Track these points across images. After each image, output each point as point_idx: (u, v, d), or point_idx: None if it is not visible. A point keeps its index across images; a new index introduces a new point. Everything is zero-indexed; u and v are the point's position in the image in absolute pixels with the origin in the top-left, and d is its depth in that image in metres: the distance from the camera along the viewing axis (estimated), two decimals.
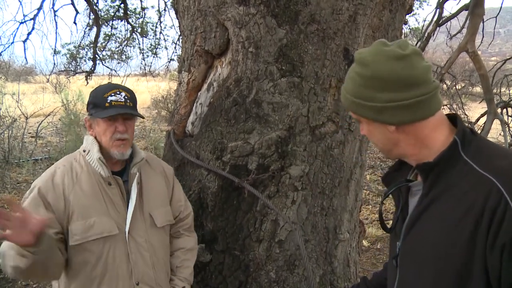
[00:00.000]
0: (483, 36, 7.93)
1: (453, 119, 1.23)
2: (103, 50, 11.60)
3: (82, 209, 1.79)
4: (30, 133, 11.26)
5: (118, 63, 12.34)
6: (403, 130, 1.18)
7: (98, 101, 1.83)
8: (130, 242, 1.86)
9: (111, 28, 11.18)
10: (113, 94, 1.82)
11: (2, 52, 9.60)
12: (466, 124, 1.22)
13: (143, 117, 1.98)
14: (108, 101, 1.80)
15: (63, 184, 1.80)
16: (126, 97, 1.85)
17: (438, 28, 6.59)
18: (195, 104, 2.78)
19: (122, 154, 1.87)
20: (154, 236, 1.97)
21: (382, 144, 1.27)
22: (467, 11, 5.91)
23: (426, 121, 1.16)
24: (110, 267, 1.82)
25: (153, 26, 11.67)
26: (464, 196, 1.07)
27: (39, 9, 9.27)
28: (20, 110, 9.74)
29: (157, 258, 1.97)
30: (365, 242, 5.37)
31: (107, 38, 11.36)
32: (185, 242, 2.18)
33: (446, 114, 1.24)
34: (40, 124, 10.78)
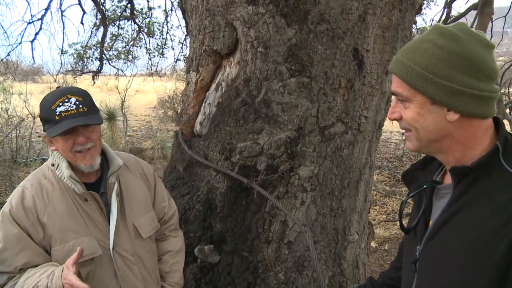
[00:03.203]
0: (491, 36, 7.87)
1: (495, 123, 1.15)
2: (110, 50, 11.64)
3: (59, 232, 1.63)
4: (37, 132, 11.30)
5: (125, 63, 12.37)
6: (462, 122, 1.08)
7: (47, 115, 1.61)
8: (116, 259, 1.74)
9: (118, 28, 11.22)
10: (61, 104, 1.58)
11: (10, 52, 9.68)
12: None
13: (100, 123, 1.71)
14: (57, 113, 1.57)
15: (35, 207, 1.62)
16: (77, 103, 1.61)
17: None
18: (203, 104, 2.77)
19: (90, 166, 1.69)
20: (140, 247, 1.84)
21: (428, 132, 1.12)
22: (475, 11, 5.87)
23: (484, 120, 1.09)
24: (98, 287, 1.70)
25: (159, 26, 11.70)
26: (502, 207, 1.00)
27: (47, 9, 9.33)
28: (28, 109, 9.78)
29: (146, 269, 1.86)
30: (373, 243, 5.34)
31: (114, 38, 11.40)
32: (172, 244, 2.06)
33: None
34: None
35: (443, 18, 7.93)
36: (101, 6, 9.36)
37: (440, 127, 1.10)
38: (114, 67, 11.90)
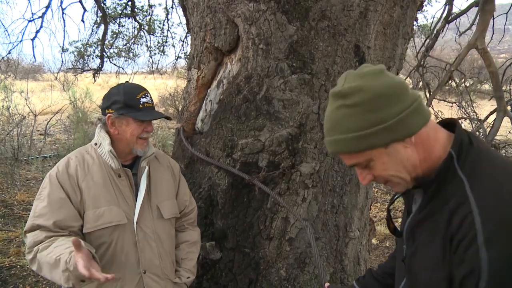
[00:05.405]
0: (493, 33, 7.84)
1: (448, 125, 1.21)
2: (111, 48, 11.62)
3: (93, 198, 1.87)
4: (38, 130, 11.32)
5: (126, 60, 12.36)
6: (416, 143, 1.12)
7: (131, 102, 1.90)
8: (138, 232, 1.94)
9: (119, 26, 11.20)
10: (143, 96, 1.93)
11: (11, 50, 9.66)
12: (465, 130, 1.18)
13: (170, 118, 2.11)
14: (141, 102, 1.91)
15: (76, 174, 1.89)
16: (151, 99, 1.97)
17: (447, 25, 6.50)
18: (204, 101, 2.78)
19: (144, 151, 1.98)
20: (160, 227, 2.04)
21: (403, 170, 1.15)
22: (477, 8, 5.86)
23: (427, 126, 1.12)
24: (118, 255, 1.89)
25: (160, 23, 11.67)
26: (451, 215, 1.06)
27: (47, 7, 9.30)
28: (29, 107, 9.80)
29: (163, 249, 2.04)
30: (374, 240, 5.35)
31: (115, 35, 11.38)
32: (190, 235, 2.25)
33: (442, 120, 1.24)
34: (48, 121, 10.84)
35: (444, 15, 7.90)
36: (102, 4, 9.35)
37: (407, 158, 1.13)
38: (115, 64, 11.90)
